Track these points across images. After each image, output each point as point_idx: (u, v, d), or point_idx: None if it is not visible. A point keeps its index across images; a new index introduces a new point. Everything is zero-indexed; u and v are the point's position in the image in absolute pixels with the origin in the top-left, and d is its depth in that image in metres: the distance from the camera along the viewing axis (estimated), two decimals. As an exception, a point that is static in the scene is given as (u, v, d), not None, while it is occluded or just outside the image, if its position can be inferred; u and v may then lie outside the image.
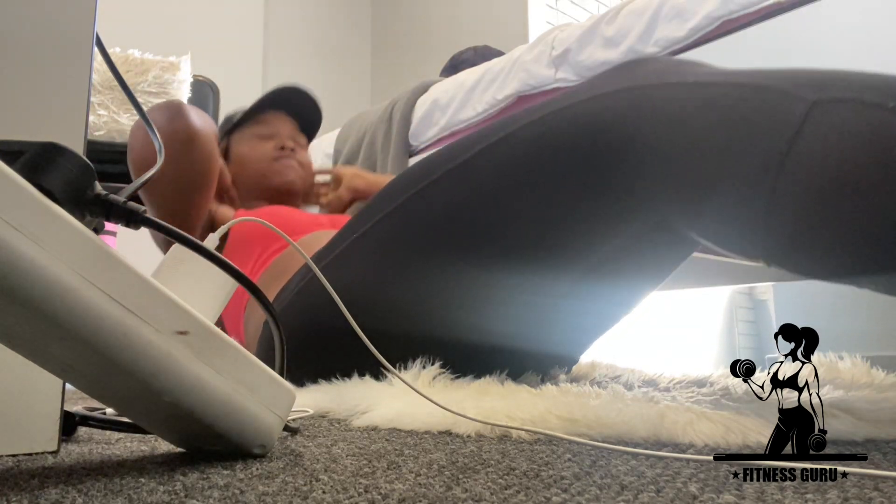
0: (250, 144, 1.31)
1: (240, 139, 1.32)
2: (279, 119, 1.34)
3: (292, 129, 1.35)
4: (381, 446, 0.46)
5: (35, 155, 0.34)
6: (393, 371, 0.53)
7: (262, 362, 0.40)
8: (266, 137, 1.31)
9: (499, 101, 1.44)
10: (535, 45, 1.40)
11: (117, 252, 0.34)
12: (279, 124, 1.33)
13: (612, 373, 0.96)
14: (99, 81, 1.57)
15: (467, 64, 1.89)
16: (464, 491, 0.32)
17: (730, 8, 1.05)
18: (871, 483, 0.33)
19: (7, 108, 0.43)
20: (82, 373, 0.36)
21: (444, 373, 0.68)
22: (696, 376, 0.88)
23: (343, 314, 0.50)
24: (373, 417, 0.58)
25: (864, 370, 0.80)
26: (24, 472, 0.36)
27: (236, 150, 1.32)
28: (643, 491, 0.31)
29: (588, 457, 0.41)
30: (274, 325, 0.45)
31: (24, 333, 0.33)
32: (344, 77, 3.53)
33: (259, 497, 0.30)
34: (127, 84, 0.50)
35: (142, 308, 0.34)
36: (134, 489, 0.32)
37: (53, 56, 0.45)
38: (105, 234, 1.76)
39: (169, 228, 0.38)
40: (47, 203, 0.32)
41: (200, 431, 0.38)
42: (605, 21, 1.25)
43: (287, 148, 1.30)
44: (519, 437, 0.49)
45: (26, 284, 0.30)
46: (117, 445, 0.47)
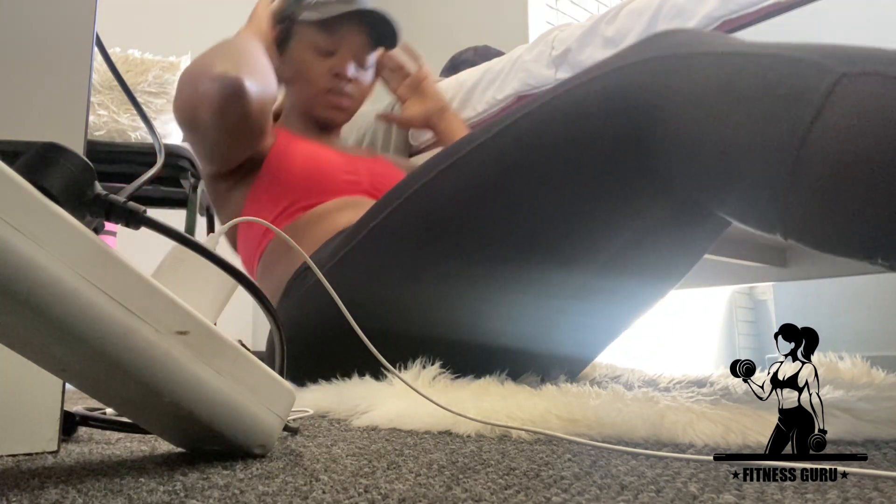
0: (307, 56, 1.15)
1: (300, 38, 1.15)
2: (350, 31, 1.15)
3: (360, 45, 1.17)
4: (381, 446, 0.46)
5: (35, 155, 0.34)
6: (393, 371, 0.53)
7: (262, 362, 0.40)
8: (327, 53, 1.14)
9: (499, 101, 1.44)
10: (535, 45, 1.40)
11: (117, 252, 0.34)
12: (347, 37, 1.15)
13: (612, 373, 0.96)
14: (99, 81, 1.57)
15: (467, 64, 1.88)
16: (464, 491, 0.32)
17: (730, 8, 1.05)
18: (871, 483, 0.33)
19: (7, 108, 0.43)
20: (82, 373, 0.36)
21: (444, 373, 0.68)
22: (696, 376, 0.88)
23: (344, 314, 0.50)
24: (373, 417, 0.58)
25: (864, 370, 0.80)
26: (24, 472, 0.36)
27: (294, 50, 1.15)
28: (643, 491, 0.31)
29: (588, 457, 0.41)
30: (274, 326, 0.45)
31: (24, 333, 0.33)
32: (344, 77, 3.53)
33: (259, 497, 0.30)
34: (127, 84, 0.50)
35: (142, 308, 0.34)
36: (134, 489, 0.32)
37: (53, 56, 0.45)
38: (105, 234, 1.76)
39: (169, 228, 0.38)
40: (47, 203, 0.32)
41: (200, 431, 0.38)
42: (605, 21, 1.25)
43: (344, 76, 1.15)
44: (519, 437, 0.49)
45: (26, 285, 0.30)
46: (117, 445, 0.47)
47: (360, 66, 1.18)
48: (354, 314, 0.50)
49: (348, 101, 1.17)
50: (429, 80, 1.29)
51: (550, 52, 1.34)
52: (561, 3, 2.84)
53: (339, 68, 1.14)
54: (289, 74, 1.16)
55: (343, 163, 1.09)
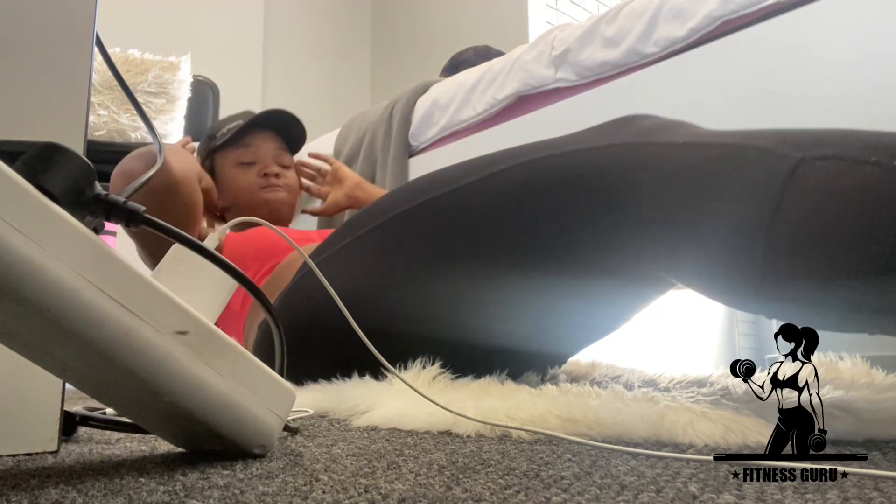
0: (234, 172, 1.32)
1: (223, 163, 1.34)
2: (261, 139, 1.35)
3: (275, 149, 1.36)
4: (381, 446, 0.46)
5: (35, 155, 0.34)
6: (393, 371, 0.53)
7: (262, 362, 0.40)
8: (248, 164, 1.32)
9: (499, 100, 1.44)
10: (535, 45, 1.40)
11: (117, 252, 0.34)
12: (261, 146, 1.34)
13: (612, 373, 0.96)
14: (99, 81, 1.57)
15: (467, 64, 1.88)
16: (464, 491, 0.32)
17: (730, 8, 1.05)
18: (871, 483, 0.33)
19: (7, 108, 0.43)
20: (82, 373, 0.36)
21: (444, 373, 0.68)
22: (696, 376, 0.88)
23: (343, 314, 0.50)
24: (373, 417, 0.58)
25: (864, 370, 0.80)
26: (24, 472, 0.36)
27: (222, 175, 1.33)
28: (643, 491, 0.31)
29: (588, 457, 0.41)
30: (274, 325, 0.45)
31: (25, 334, 0.33)
32: (344, 77, 3.53)
33: (259, 497, 0.30)
34: (127, 84, 0.50)
35: (142, 308, 0.34)
36: (134, 489, 0.32)
37: (53, 56, 0.45)
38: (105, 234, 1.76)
39: (169, 228, 0.38)
40: (47, 203, 0.32)
41: (200, 431, 0.38)
42: (605, 21, 1.25)
43: (272, 174, 1.32)
44: (519, 437, 0.49)
45: (26, 285, 0.30)
46: (117, 445, 0.47)
47: (281, 165, 1.36)
48: (353, 314, 0.50)
49: (283, 192, 1.34)
50: (342, 168, 1.48)
51: (550, 52, 1.34)
52: (561, 3, 2.84)
53: (265, 169, 1.33)
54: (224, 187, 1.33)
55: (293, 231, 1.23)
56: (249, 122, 1.33)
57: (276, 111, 1.36)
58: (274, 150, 1.36)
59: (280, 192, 1.33)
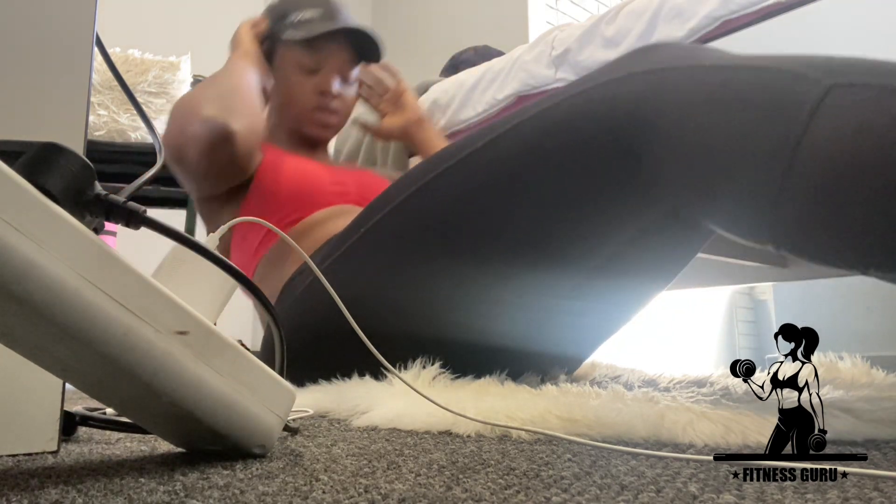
0: (292, 74, 1.16)
1: (284, 55, 1.17)
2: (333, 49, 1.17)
3: (344, 62, 1.19)
4: (381, 446, 0.46)
5: (35, 155, 0.34)
6: (393, 371, 0.53)
7: (262, 362, 0.40)
8: (311, 71, 1.16)
9: (499, 100, 1.44)
10: (535, 45, 1.40)
11: (117, 252, 0.34)
12: (330, 57, 1.17)
13: (612, 373, 0.96)
14: (99, 81, 1.57)
15: (467, 64, 1.88)
16: (464, 491, 0.32)
17: (730, 8, 1.05)
18: (871, 483, 0.33)
19: (7, 108, 0.43)
20: (82, 373, 0.36)
21: (444, 373, 0.68)
22: (696, 376, 0.88)
23: (343, 314, 0.50)
24: (373, 417, 0.58)
25: (864, 370, 0.80)
26: (24, 472, 0.36)
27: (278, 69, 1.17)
28: (643, 491, 0.31)
29: (588, 457, 0.41)
30: (274, 325, 0.45)
31: (24, 334, 0.33)
32: (344, 77, 3.53)
33: (259, 497, 0.30)
34: (127, 84, 0.50)
35: (142, 308, 0.34)
36: (134, 489, 0.32)
37: (53, 56, 0.45)
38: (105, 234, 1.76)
39: (169, 228, 0.38)
40: (47, 203, 0.32)
41: (200, 431, 0.38)
42: (605, 21, 1.25)
43: (329, 94, 1.16)
44: (519, 437, 0.49)
45: (26, 285, 0.30)
46: (117, 445, 0.47)
47: (345, 81, 1.20)
48: (353, 314, 0.50)
49: (335, 118, 1.20)
50: (407, 94, 1.32)
51: (550, 52, 1.34)
52: (561, 3, 2.84)
53: (325, 86, 1.16)
54: (274, 93, 1.18)
55: (330, 175, 1.11)
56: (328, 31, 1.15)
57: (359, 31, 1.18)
58: (342, 63, 1.18)
59: (332, 118, 1.19)
